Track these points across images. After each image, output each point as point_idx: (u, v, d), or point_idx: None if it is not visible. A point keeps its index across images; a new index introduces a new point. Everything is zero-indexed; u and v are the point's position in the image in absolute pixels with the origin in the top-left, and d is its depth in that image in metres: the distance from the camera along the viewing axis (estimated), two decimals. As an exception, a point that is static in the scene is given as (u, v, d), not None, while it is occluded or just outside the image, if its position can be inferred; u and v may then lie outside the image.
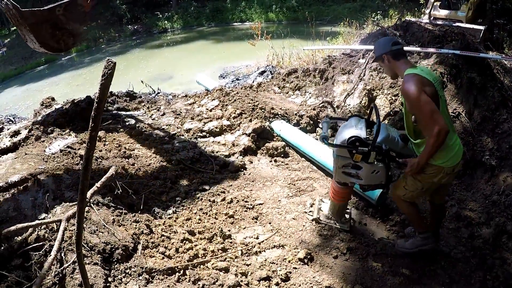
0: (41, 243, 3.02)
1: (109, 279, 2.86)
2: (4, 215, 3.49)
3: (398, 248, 3.64)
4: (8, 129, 5.81)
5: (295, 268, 3.42)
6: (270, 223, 3.99)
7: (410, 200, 3.33)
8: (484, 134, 5.05)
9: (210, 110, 6.30)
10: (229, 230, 3.82)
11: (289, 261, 3.47)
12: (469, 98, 5.28)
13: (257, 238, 3.75)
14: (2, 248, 2.97)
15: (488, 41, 9.53)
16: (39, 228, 3.12)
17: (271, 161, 5.17)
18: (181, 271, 3.15)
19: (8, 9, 4.65)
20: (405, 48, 6.50)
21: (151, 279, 2.99)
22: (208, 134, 5.63)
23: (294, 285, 3.25)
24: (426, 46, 6.53)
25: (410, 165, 3.04)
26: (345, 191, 3.64)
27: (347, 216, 4.04)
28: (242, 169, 4.92)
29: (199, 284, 3.06)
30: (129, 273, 2.97)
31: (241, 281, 3.17)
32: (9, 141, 5.16)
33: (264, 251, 3.60)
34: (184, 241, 3.52)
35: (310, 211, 4.19)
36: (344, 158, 3.32)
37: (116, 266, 3.00)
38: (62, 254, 2.91)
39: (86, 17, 5.25)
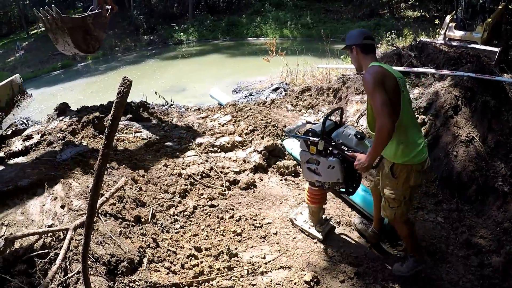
0: (46, 250, 3.03)
1: (113, 292, 2.83)
2: (11, 219, 3.51)
3: (395, 273, 3.58)
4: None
5: (300, 290, 3.35)
6: (277, 243, 3.93)
7: (402, 217, 3.32)
8: (498, 160, 4.97)
9: (223, 125, 6.30)
10: (236, 248, 3.77)
11: (295, 283, 3.40)
12: (483, 122, 5.22)
13: (264, 258, 3.70)
14: (7, 252, 2.97)
15: (503, 63, 9.46)
16: (45, 235, 3.13)
17: (281, 180, 5.10)
18: (186, 288, 3.12)
19: (49, 15, 5.54)
20: (420, 70, 6.59)
21: (154, 295, 2.96)
22: (219, 150, 5.60)
23: (299, 308, 3.20)
24: (441, 67, 6.51)
25: (358, 159, 3.06)
26: (317, 192, 3.74)
27: (324, 226, 4.04)
28: (252, 187, 4.88)
29: (203, 303, 3.03)
30: (133, 286, 2.95)
31: (246, 301, 3.13)
32: (21, 144, 5.23)
33: (271, 272, 3.54)
34: (190, 257, 3.49)
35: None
36: (305, 153, 3.57)
37: (120, 278, 2.99)
38: (67, 263, 2.92)
39: (106, 25, 6.33)
